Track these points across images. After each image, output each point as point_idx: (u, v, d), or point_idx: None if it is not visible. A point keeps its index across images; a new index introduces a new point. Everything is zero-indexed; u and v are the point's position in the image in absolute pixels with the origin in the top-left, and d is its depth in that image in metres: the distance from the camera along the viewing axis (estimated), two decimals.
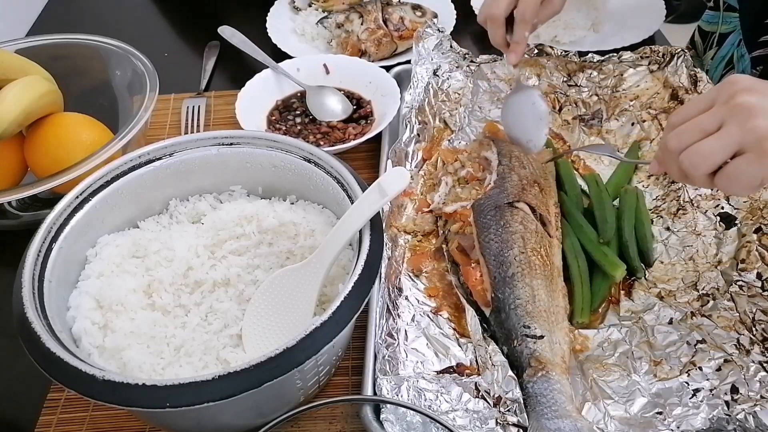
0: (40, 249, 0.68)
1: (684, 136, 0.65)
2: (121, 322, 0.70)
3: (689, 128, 0.65)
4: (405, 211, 0.94)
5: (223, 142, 0.81)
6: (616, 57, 1.10)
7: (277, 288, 0.72)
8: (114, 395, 0.56)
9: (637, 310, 0.80)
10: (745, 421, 0.67)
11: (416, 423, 0.66)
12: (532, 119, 0.93)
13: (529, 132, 0.93)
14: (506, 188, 0.86)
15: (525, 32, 0.92)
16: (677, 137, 0.66)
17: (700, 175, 0.64)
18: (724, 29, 1.19)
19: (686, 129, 0.65)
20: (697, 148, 0.63)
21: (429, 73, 1.09)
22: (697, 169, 0.64)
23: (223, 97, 1.20)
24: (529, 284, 0.77)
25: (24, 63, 0.98)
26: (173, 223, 0.82)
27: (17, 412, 0.78)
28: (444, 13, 1.33)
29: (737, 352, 0.73)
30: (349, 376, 0.78)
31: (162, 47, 1.33)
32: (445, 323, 0.79)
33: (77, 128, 0.96)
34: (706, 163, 0.63)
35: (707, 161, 0.63)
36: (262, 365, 0.57)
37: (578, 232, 0.87)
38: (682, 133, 0.65)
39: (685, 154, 0.64)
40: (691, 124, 0.65)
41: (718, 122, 0.63)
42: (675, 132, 0.66)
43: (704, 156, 0.63)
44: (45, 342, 0.59)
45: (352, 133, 1.07)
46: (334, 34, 1.29)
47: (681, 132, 0.65)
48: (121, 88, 1.08)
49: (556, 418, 0.68)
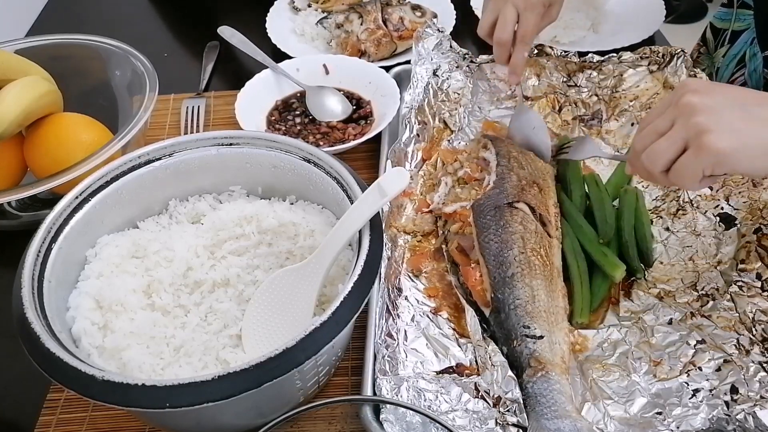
0: (40, 249, 0.68)
1: (645, 138, 0.71)
2: (120, 323, 0.70)
3: (648, 130, 0.71)
4: (405, 211, 0.94)
5: (222, 143, 0.81)
6: (616, 57, 1.10)
7: (277, 288, 0.72)
8: (113, 395, 0.56)
9: (636, 310, 0.80)
10: (744, 421, 0.67)
11: (416, 423, 0.66)
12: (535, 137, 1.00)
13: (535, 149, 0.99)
14: (506, 188, 0.86)
15: (525, 53, 1.00)
16: (641, 139, 0.72)
17: (657, 172, 0.70)
18: (737, 27, 1.19)
19: (646, 131, 0.71)
20: (653, 147, 0.69)
21: (429, 73, 1.09)
22: (654, 166, 0.69)
23: (222, 97, 1.20)
24: (528, 284, 0.77)
25: (24, 63, 0.98)
26: (173, 223, 0.82)
27: (17, 412, 0.78)
28: (444, 13, 1.33)
29: (737, 353, 0.73)
30: (348, 376, 0.78)
31: (162, 47, 1.33)
32: (444, 323, 0.79)
33: (77, 128, 0.96)
34: (660, 160, 0.69)
35: (660, 159, 0.69)
36: (262, 365, 0.57)
37: (578, 233, 0.87)
38: (644, 136, 0.71)
39: (645, 154, 0.70)
40: (651, 127, 0.71)
41: (669, 123, 0.68)
42: (640, 135, 0.72)
43: (658, 154, 0.69)
44: (45, 342, 0.59)
45: (352, 134, 1.07)
46: (333, 35, 1.29)
47: (643, 135, 0.71)
48: (120, 88, 1.08)
49: (556, 418, 0.68)
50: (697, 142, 0.65)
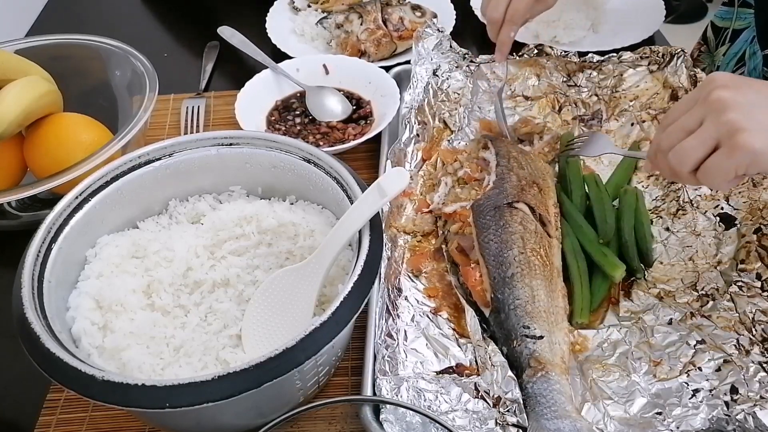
0: (40, 249, 0.68)
1: (671, 136, 0.69)
2: (120, 323, 0.70)
3: (675, 128, 0.68)
4: (404, 211, 0.94)
5: (222, 143, 0.81)
6: (616, 57, 1.10)
7: (277, 288, 0.72)
8: (113, 395, 0.56)
9: (636, 310, 0.80)
10: (744, 421, 0.67)
11: (416, 423, 0.66)
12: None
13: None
14: (505, 189, 0.86)
15: (511, 32, 1.01)
16: (666, 137, 0.69)
17: (686, 172, 0.68)
18: (738, 25, 1.19)
19: (673, 129, 0.69)
20: (681, 146, 0.67)
21: (428, 73, 1.09)
22: (683, 166, 0.67)
23: (222, 97, 1.20)
24: (528, 284, 0.77)
25: (24, 63, 0.98)
26: (173, 223, 0.82)
27: (17, 413, 0.78)
28: (443, 13, 1.33)
29: (737, 353, 0.73)
30: (348, 376, 0.78)
31: (162, 48, 1.33)
32: (444, 323, 0.79)
33: (77, 128, 0.96)
34: (689, 160, 0.67)
35: (690, 158, 0.67)
36: (262, 365, 0.57)
37: (578, 233, 0.87)
38: (670, 133, 0.69)
39: (672, 153, 0.68)
40: (677, 124, 0.68)
41: (698, 120, 0.66)
42: (665, 132, 0.70)
43: (687, 153, 0.67)
44: (44, 342, 0.59)
45: (352, 134, 1.07)
46: (333, 35, 1.29)
47: (669, 132, 0.69)
48: (120, 88, 1.08)
49: (556, 418, 0.68)
50: (730, 142, 0.63)
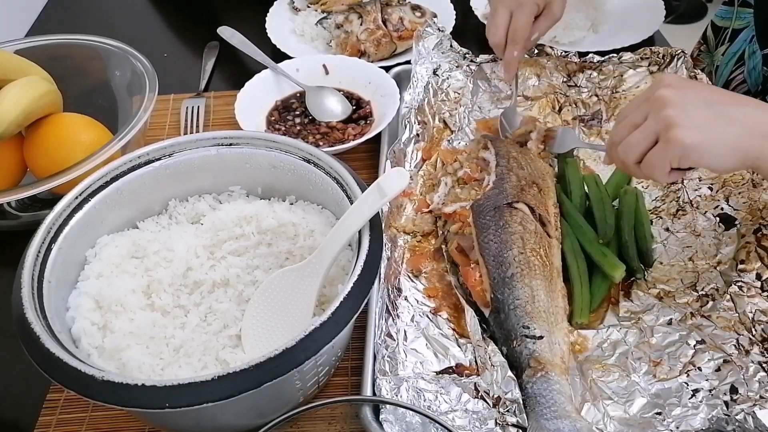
0: (40, 249, 0.68)
1: (621, 131, 0.74)
2: (120, 323, 0.70)
3: (625, 123, 0.73)
4: (404, 211, 0.94)
5: (222, 143, 0.81)
6: (616, 58, 1.10)
7: (277, 288, 0.72)
8: (113, 396, 0.56)
9: (636, 310, 0.80)
10: (744, 421, 0.67)
11: (415, 423, 0.66)
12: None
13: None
14: (505, 189, 0.86)
15: (515, 52, 1.03)
16: (617, 131, 0.75)
17: (631, 164, 0.72)
18: (738, 25, 1.19)
19: (623, 124, 0.74)
20: (628, 139, 0.72)
21: (429, 72, 1.09)
22: (628, 157, 0.72)
23: (222, 97, 1.20)
24: (528, 285, 0.77)
25: (23, 63, 0.98)
26: (172, 223, 0.82)
27: (17, 413, 0.78)
28: (443, 13, 1.33)
29: (736, 353, 0.73)
30: (348, 376, 0.78)
31: (161, 48, 1.33)
32: (444, 324, 0.79)
33: (77, 129, 0.96)
34: (633, 152, 0.72)
35: (634, 151, 0.72)
36: (262, 366, 0.57)
37: (578, 233, 0.87)
38: (619, 128, 0.74)
39: (621, 146, 0.73)
40: (626, 120, 0.73)
41: (643, 116, 0.71)
42: (616, 128, 0.75)
43: (632, 146, 0.72)
44: (44, 342, 0.59)
45: (352, 134, 1.07)
46: (333, 35, 1.29)
47: (619, 127, 0.74)
48: (120, 88, 1.08)
49: (556, 418, 0.68)
50: (665, 136, 0.68)
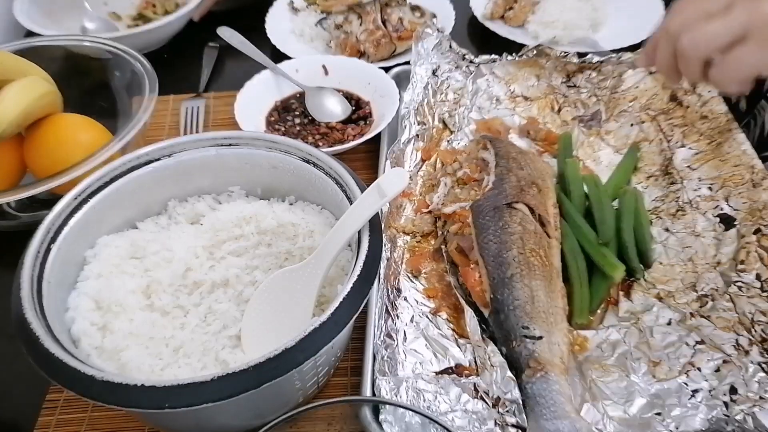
0: (39, 250, 0.68)
1: (688, 18, 0.62)
2: (120, 323, 0.70)
3: (694, 10, 0.62)
4: (404, 211, 0.94)
5: (222, 143, 0.81)
6: (615, 58, 1.11)
7: (276, 289, 0.72)
8: (113, 396, 0.56)
9: (636, 310, 0.80)
10: (744, 422, 0.67)
11: (415, 424, 0.66)
12: None
13: None
14: (505, 189, 0.86)
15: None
16: (681, 18, 0.63)
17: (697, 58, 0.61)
18: None
19: (691, 11, 0.62)
20: (701, 28, 0.61)
21: (428, 73, 1.09)
22: (697, 50, 0.61)
23: (222, 98, 1.20)
24: (528, 285, 0.77)
25: (23, 63, 0.98)
26: (172, 223, 0.82)
27: (16, 413, 0.78)
28: (443, 13, 1.33)
29: (736, 353, 0.73)
30: (348, 376, 0.78)
31: (161, 48, 1.33)
32: (444, 324, 0.79)
33: (76, 129, 0.96)
34: (708, 45, 0.60)
35: (709, 43, 0.60)
36: (261, 366, 0.57)
37: (577, 233, 0.87)
38: (686, 15, 0.62)
39: (687, 36, 0.61)
40: (697, 6, 0.62)
41: (724, 4, 0.60)
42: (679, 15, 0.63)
43: (707, 37, 0.60)
44: (44, 343, 0.59)
45: (351, 134, 1.07)
46: (332, 35, 1.29)
47: (685, 14, 0.62)
48: (120, 89, 1.08)
49: (555, 418, 0.68)
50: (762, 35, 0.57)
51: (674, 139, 0.99)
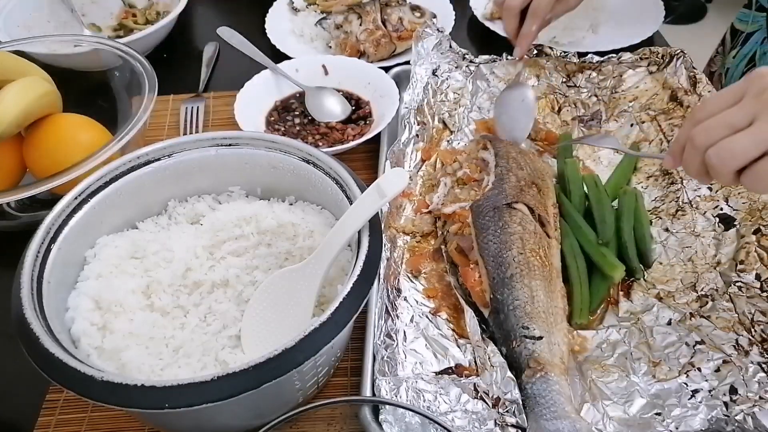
0: (39, 250, 0.68)
1: (712, 132, 0.62)
2: (119, 323, 0.70)
3: (718, 123, 0.62)
4: (404, 211, 0.94)
5: (221, 143, 0.81)
6: (615, 58, 1.11)
7: (276, 289, 0.72)
8: (112, 396, 0.56)
9: (635, 311, 0.80)
10: (743, 422, 0.67)
11: (415, 424, 0.66)
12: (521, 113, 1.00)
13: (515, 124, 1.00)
14: (504, 189, 0.86)
15: (534, 26, 0.96)
16: (705, 132, 0.63)
17: (728, 172, 0.62)
18: (752, 28, 1.18)
19: (714, 124, 0.62)
20: (728, 143, 0.61)
21: (428, 73, 1.09)
22: (726, 165, 0.61)
23: (221, 98, 1.20)
24: (527, 285, 0.77)
25: (23, 63, 0.98)
26: (172, 224, 0.82)
27: (16, 413, 0.78)
28: (443, 13, 1.33)
29: (736, 353, 0.73)
30: (347, 376, 0.78)
31: (160, 48, 1.33)
32: (443, 324, 0.79)
33: (76, 129, 0.96)
34: (736, 159, 0.61)
35: (738, 158, 0.60)
36: (261, 366, 0.57)
37: (577, 233, 0.87)
38: (710, 128, 0.62)
39: (713, 150, 0.62)
40: (720, 119, 0.62)
41: (749, 117, 0.60)
42: (702, 126, 0.63)
43: (734, 152, 0.60)
44: (44, 343, 0.59)
45: (351, 134, 1.07)
46: (332, 35, 1.29)
47: (709, 127, 0.63)
48: (119, 89, 1.08)
49: (555, 419, 0.68)
50: None
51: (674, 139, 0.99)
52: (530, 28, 0.97)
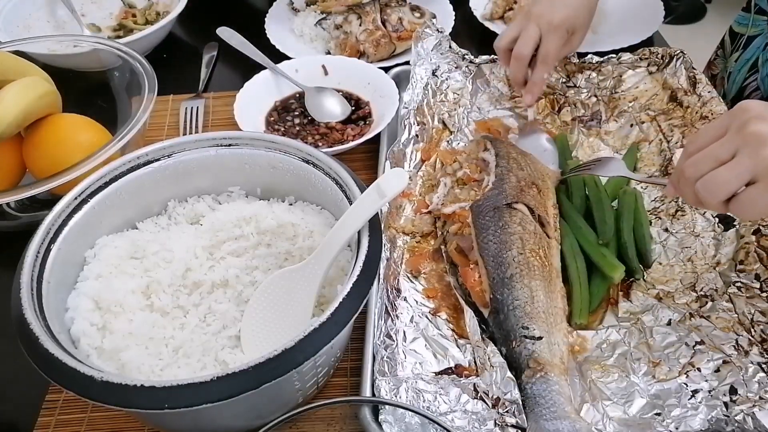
0: (39, 250, 0.68)
1: (699, 165, 0.67)
2: (119, 323, 0.70)
3: (704, 157, 0.67)
4: (404, 212, 0.94)
5: (221, 143, 0.81)
6: (615, 58, 1.11)
7: (276, 289, 0.72)
8: (112, 396, 0.56)
9: (635, 311, 0.80)
10: (743, 422, 0.67)
11: (415, 424, 0.66)
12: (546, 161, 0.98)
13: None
14: (504, 189, 0.86)
15: (545, 74, 0.97)
16: (693, 165, 0.67)
17: (716, 202, 0.66)
18: (753, 32, 1.18)
19: (701, 158, 0.67)
20: (712, 177, 0.65)
21: (428, 73, 1.09)
22: (713, 197, 0.66)
23: (221, 98, 1.19)
24: (527, 285, 0.77)
25: (23, 64, 0.98)
26: (172, 224, 0.82)
27: (16, 413, 0.78)
28: (442, 13, 1.33)
29: (736, 353, 0.73)
30: (347, 377, 0.78)
31: (160, 48, 1.33)
32: (443, 324, 0.79)
33: (76, 129, 0.96)
34: (720, 191, 0.65)
35: (721, 190, 0.65)
36: (261, 366, 0.57)
37: (577, 233, 0.87)
38: (697, 161, 0.67)
39: (700, 183, 0.66)
40: (706, 153, 0.67)
41: (731, 151, 0.65)
42: (691, 160, 0.68)
43: (718, 185, 0.65)
44: (43, 343, 0.59)
45: (351, 134, 1.07)
46: (332, 35, 1.29)
47: (697, 161, 0.67)
48: (119, 89, 1.08)
49: (555, 419, 0.68)
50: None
51: (674, 139, 0.99)
52: (541, 76, 0.98)
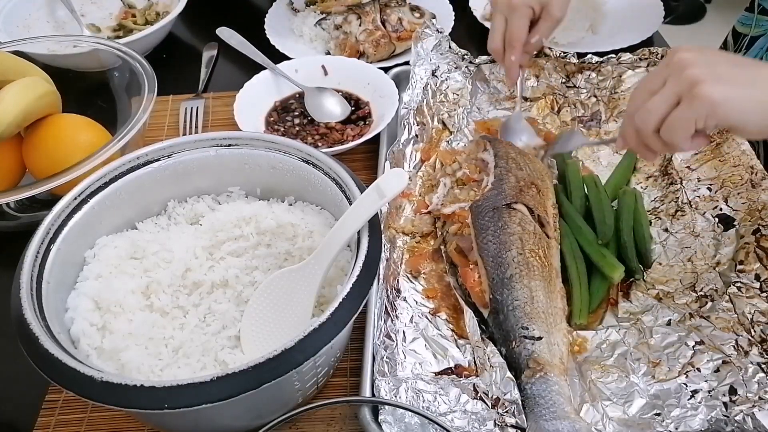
0: (39, 250, 0.68)
1: (636, 99, 0.73)
2: (119, 324, 0.70)
3: (640, 92, 0.72)
4: (403, 212, 0.94)
5: (221, 144, 0.81)
6: (615, 58, 1.11)
7: (276, 289, 0.72)
8: (112, 396, 0.56)
9: (635, 311, 0.80)
10: (743, 422, 0.67)
11: (414, 424, 0.66)
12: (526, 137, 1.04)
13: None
14: (504, 190, 0.86)
15: (512, 56, 1.00)
16: (632, 101, 0.74)
17: (649, 132, 0.70)
18: (756, 32, 1.18)
19: (638, 92, 0.73)
20: (645, 106, 0.70)
21: (427, 73, 1.09)
22: (646, 125, 0.70)
23: (221, 98, 1.19)
24: (527, 285, 0.77)
25: (22, 64, 0.98)
26: (171, 224, 0.82)
27: (15, 414, 0.78)
28: (442, 14, 1.33)
29: (735, 354, 0.73)
30: (347, 377, 0.78)
31: (160, 48, 1.33)
32: (443, 324, 0.79)
33: (75, 129, 0.96)
34: (652, 117, 0.70)
35: (653, 116, 0.70)
36: (261, 366, 0.57)
37: (577, 234, 0.87)
38: (635, 97, 0.73)
39: (637, 115, 0.71)
40: (643, 88, 0.72)
41: (662, 81, 0.69)
42: (631, 98, 0.74)
43: (650, 112, 0.70)
44: (43, 343, 0.59)
45: (351, 135, 1.07)
46: (332, 36, 1.29)
47: (634, 96, 0.73)
48: (119, 89, 1.08)
49: (555, 419, 0.68)
50: (690, 93, 0.66)
51: None
52: (510, 60, 1.01)
